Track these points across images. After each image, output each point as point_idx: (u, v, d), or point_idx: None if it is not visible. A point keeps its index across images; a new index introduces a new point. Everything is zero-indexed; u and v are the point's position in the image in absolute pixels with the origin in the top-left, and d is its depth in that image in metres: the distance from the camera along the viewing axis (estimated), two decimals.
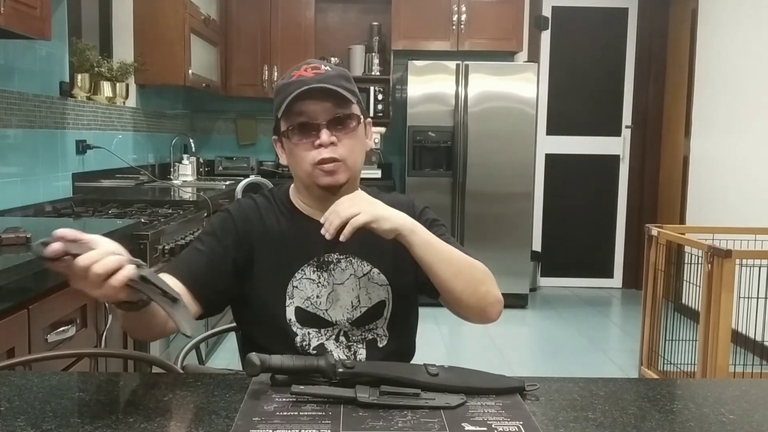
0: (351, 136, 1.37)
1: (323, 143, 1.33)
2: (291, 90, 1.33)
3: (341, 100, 1.35)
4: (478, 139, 5.05)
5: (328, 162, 1.34)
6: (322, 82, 1.34)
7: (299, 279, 1.38)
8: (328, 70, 1.37)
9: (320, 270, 1.39)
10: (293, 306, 1.37)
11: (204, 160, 5.49)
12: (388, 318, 1.41)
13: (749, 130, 4.29)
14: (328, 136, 1.33)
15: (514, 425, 0.97)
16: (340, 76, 1.37)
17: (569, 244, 5.91)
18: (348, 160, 1.36)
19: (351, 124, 1.37)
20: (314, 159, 1.34)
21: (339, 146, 1.34)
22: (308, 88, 1.32)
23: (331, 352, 1.36)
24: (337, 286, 1.39)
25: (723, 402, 1.11)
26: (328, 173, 1.35)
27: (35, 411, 1.00)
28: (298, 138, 1.36)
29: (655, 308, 3.39)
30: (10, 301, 1.69)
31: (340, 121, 1.35)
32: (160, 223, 2.72)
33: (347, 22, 5.80)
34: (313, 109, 1.34)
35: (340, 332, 1.38)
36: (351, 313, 1.39)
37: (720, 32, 4.67)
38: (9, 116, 2.78)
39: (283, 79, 1.40)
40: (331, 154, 1.34)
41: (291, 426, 0.95)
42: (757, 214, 4.07)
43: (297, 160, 1.38)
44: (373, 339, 1.40)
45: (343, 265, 1.40)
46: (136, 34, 4.30)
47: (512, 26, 5.37)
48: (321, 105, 1.34)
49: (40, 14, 2.35)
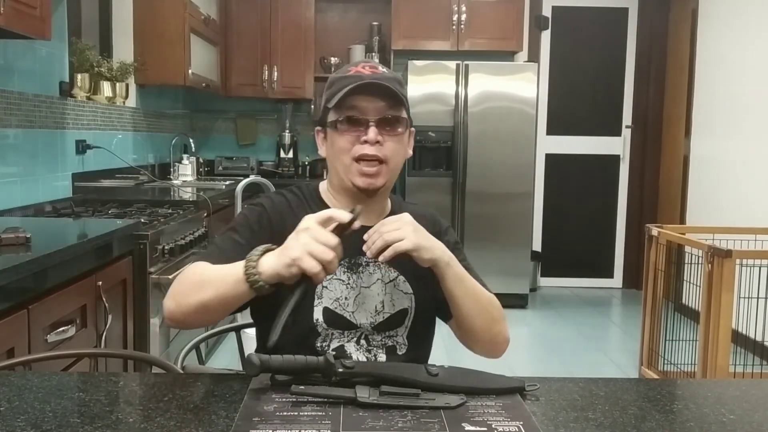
0: (397, 139, 1.37)
1: (369, 140, 1.33)
2: (347, 83, 1.34)
3: (394, 102, 1.35)
4: (478, 139, 5.05)
5: (370, 160, 1.34)
6: (378, 79, 1.34)
7: (330, 279, 1.36)
8: (384, 72, 1.38)
9: (350, 271, 1.38)
10: (321, 306, 1.36)
11: (204, 160, 5.50)
12: (408, 327, 1.41)
13: (749, 130, 4.29)
14: (375, 134, 1.33)
15: (514, 425, 0.97)
16: (395, 79, 1.39)
17: (569, 244, 5.91)
18: (390, 162, 1.36)
19: (399, 127, 1.37)
20: (356, 153, 1.34)
21: (384, 146, 1.34)
22: (366, 83, 1.33)
23: (351, 354, 1.36)
24: (364, 290, 1.39)
25: (723, 402, 1.11)
26: (368, 175, 1.35)
27: (35, 411, 1.00)
28: (344, 129, 1.35)
29: (656, 308, 3.39)
30: (10, 301, 1.68)
31: (389, 122, 1.35)
32: (159, 223, 2.72)
33: (347, 22, 5.81)
34: (365, 105, 1.34)
35: (362, 336, 1.38)
36: (374, 317, 1.38)
37: (720, 32, 4.67)
38: (9, 116, 2.78)
39: (338, 72, 1.41)
40: (374, 152, 1.34)
41: (291, 426, 0.95)
42: (757, 214, 4.07)
43: (338, 152, 1.37)
44: (393, 346, 1.40)
45: (371, 269, 1.40)
46: (136, 34, 4.30)
47: (512, 26, 5.37)
48: (374, 103, 1.34)
49: (40, 14, 2.35)
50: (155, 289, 2.61)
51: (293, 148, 5.70)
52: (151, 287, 2.57)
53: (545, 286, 5.87)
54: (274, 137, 5.84)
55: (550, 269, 5.89)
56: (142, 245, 2.52)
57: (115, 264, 2.33)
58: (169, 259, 2.75)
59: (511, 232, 5.11)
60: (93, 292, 2.14)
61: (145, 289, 2.55)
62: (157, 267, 2.63)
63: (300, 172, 5.72)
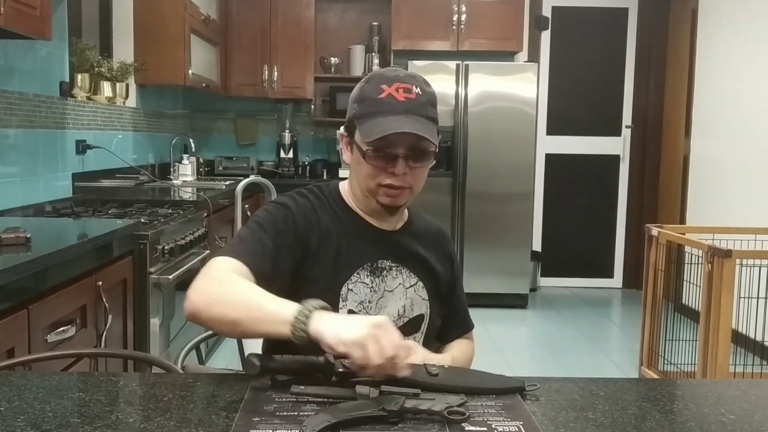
0: (423, 168, 1.38)
1: (397, 173, 1.33)
2: (379, 110, 1.32)
3: (424, 138, 1.32)
4: (478, 139, 5.05)
5: (396, 188, 1.35)
6: (411, 111, 1.32)
7: (354, 282, 1.37)
8: (419, 94, 1.34)
9: (373, 275, 1.39)
10: (346, 309, 1.36)
11: (204, 160, 5.49)
12: (424, 332, 1.43)
13: (749, 130, 4.29)
14: (403, 168, 1.33)
15: (514, 425, 0.97)
16: (429, 102, 1.36)
17: (569, 244, 5.91)
18: (414, 188, 1.38)
19: (426, 159, 1.36)
20: (382, 182, 1.35)
21: (409, 175, 1.35)
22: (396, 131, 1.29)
23: None
24: (387, 293, 1.40)
25: (723, 402, 1.11)
26: (392, 196, 1.36)
27: (35, 411, 1.00)
28: (373, 158, 1.34)
29: (655, 308, 3.39)
30: (10, 301, 1.69)
31: (417, 155, 1.34)
32: (160, 223, 2.72)
33: (347, 22, 5.81)
34: (394, 140, 1.32)
35: None
36: (395, 321, 1.39)
37: (720, 32, 4.67)
38: (9, 116, 2.78)
39: (370, 87, 1.36)
40: (400, 183, 1.34)
41: (291, 426, 0.95)
42: (757, 214, 4.07)
43: (364, 175, 1.37)
44: None
45: (394, 273, 1.41)
46: (136, 34, 4.30)
47: (512, 26, 5.37)
48: (404, 138, 1.32)
49: (40, 14, 2.35)
50: (155, 289, 2.61)
51: (293, 148, 5.70)
52: (151, 287, 2.57)
53: (545, 286, 5.87)
54: (274, 137, 5.83)
55: (550, 269, 5.89)
56: (142, 245, 2.52)
57: (115, 264, 2.33)
58: (169, 259, 2.75)
59: (511, 232, 5.11)
60: (93, 292, 2.14)
61: (145, 289, 2.55)
62: (157, 267, 2.63)
63: (300, 173, 5.71)
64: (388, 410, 0.96)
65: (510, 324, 4.78)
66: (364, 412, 0.96)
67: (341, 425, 0.94)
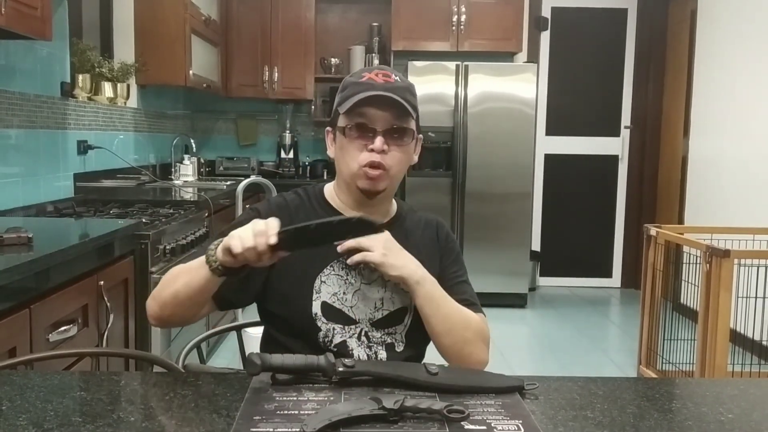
0: (402, 149, 1.42)
1: (375, 149, 1.37)
2: (359, 90, 1.38)
3: (402, 113, 1.39)
4: (478, 140, 5.06)
5: (375, 167, 1.38)
6: (390, 91, 1.38)
7: (327, 275, 1.40)
8: (397, 80, 1.42)
9: (349, 267, 1.41)
10: (320, 300, 1.39)
11: (205, 161, 5.50)
12: (407, 325, 1.43)
13: (748, 130, 4.29)
14: (381, 143, 1.38)
15: (514, 424, 0.98)
16: (407, 89, 1.42)
17: (569, 244, 5.91)
18: (392, 170, 1.41)
19: (405, 138, 1.42)
20: (363, 161, 1.39)
21: (388, 155, 1.39)
22: (376, 94, 1.36)
23: (352, 350, 1.38)
24: (365, 286, 1.41)
25: (721, 401, 1.12)
26: (371, 179, 1.39)
27: (37, 410, 1.01)
28: (353, 136, 1.40)
29: (654, 308, 3.40)
30: (12, 300, 1.69)
31: (396, 132, 1.40)
32: (161, 223, 2.73)
33: (347, 23, 5.81)
34: (374, 114, 1.38)
35: (362, 332, 1.40)
36: (374, 313, 1.41)
37: (719, 32, 4.68)
38: (10, 116, 2.79)
39: (352, 77, 1.44)
40: (379, 160, 1.38)
41: (291, 425, 0.95)
42: (756, 214, 4.07)
43: (346, 157, 1.41)
44: (392, 343, 1.42)
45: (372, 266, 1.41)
46: (137, 35, 4.30)
47: (512, 26, 5.37)
48: (383, 113, 1.38)
49: (40, 15, 2.35)
50: None
51: (294, 149, 5.71)
52: (152, 287, 2.57)
53: (544, 285, 5.88)
54: (275, 138, 5.84)
55: (550, 269, 5.89)
56: (144, 245, 2.53)
57: (117, 264, 2.34)
58: (170, 258, 2.75)
59: (510, 232, 5.11)
60: (95, 291, 2.15)
61: (147, 288, 2.55)
62: (158, 267, 2.64)
63: (300, 173, 5.72)
64: (388, 409, 0.97)
65: (509, 323, 4.78)
66: (363, 411, 0.97)
67: (341, 424, 0.94)
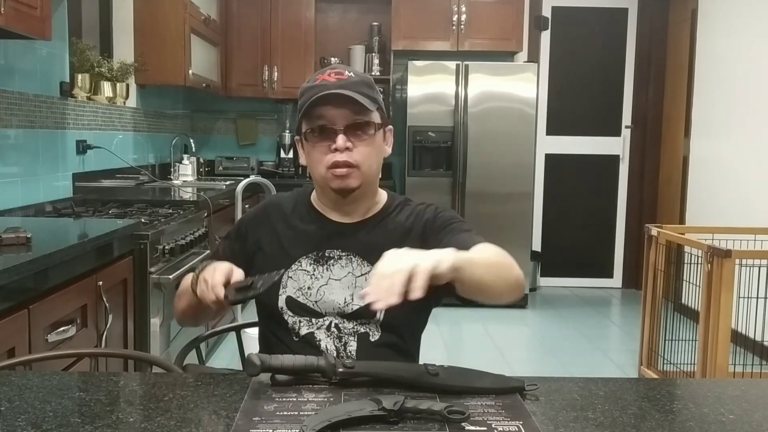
0: (367, 143, 1.41)
1: (338, 147, 1.38)
2: (313, 93, 1.38)
3: (360, 107, 1.38)
4: (478, 139, 5.05)
5: (342, 166, 1.38)
6: (343, 88, 1.38)
7: (295, 270, 1.44)
8: (351, 76, 1.41)
9: (317, 263, 1.44)
10: (285, 295, 1.43)
11: (204, 160, 5.49)
12: (381, 320, 1.42)
13: (749, 130, 4.29)
14: (343, 141, 1.38)
15: (514, 425, 0.97)
16: (363, 82, 1.42)
17: (569, 244, 5.91)
18: (362, 166, 1.40)
19: (368, 131, 1.41)
20: (329, 162, 1.39)
21: (354, 152, 1.39)
22: (326, 93, 1.36)
23: (320, 340, 1.40)
24: (333, 281, 1.43)
25: (723, 402, 1.12)
26: (340, 177, 1.39)
27: (35, 411, 1.01)
28: (316, 140, 1.41)
29: (655, 308, 3.39)
30: (11, 301, 1.69)
31: (357, 127, 1.40)
32: (160, 223, 2.72)
33: (347, 22, 5.81)
34: (332, 114, 1.38)
35: (331, 324, 1.41)
36: (342, 308, 1.41)
37: (720, 32, 4.68)
38: (9, 116, 2.79)
39: (308, 82, 1.44)
40: (345, 159, 1.38)
41: (291, 426, 0.95)
42: (757, 214, 4.07)
43: (313, 162, 1.43)
44: (366, 333, 1.41)
45: (343, 262, 1.44)
46: (137, 34, 4.30)
47: (512, 26, 5.37)
48: (339, 111, 1.38)
49: (40, 14, 2.35)
50: (156, 289, 2.61)
51: (293, 149, 5.70)
52: (151, 287, 2.57)
53: (545, 286, 5.87)
54: (275, 137, 5.84)
55: (550, 269, 5.89)
56: (143, 245, 2.52)
57: (116, 264, 2.34)
58: (169, 259, 2.75)
59: (510, 232, 5.10)
60: (93, 292, 2.14)
61: (146, 289, 2.55)
62: (157, 267, 2.63)
63: (300, 173, 5.71)
64: (388, 410, 0.96)
65: (510, 324, 4.78)
66: (363, 412, 0.96)
67: (341, 425, 0.94)
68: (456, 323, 4.63)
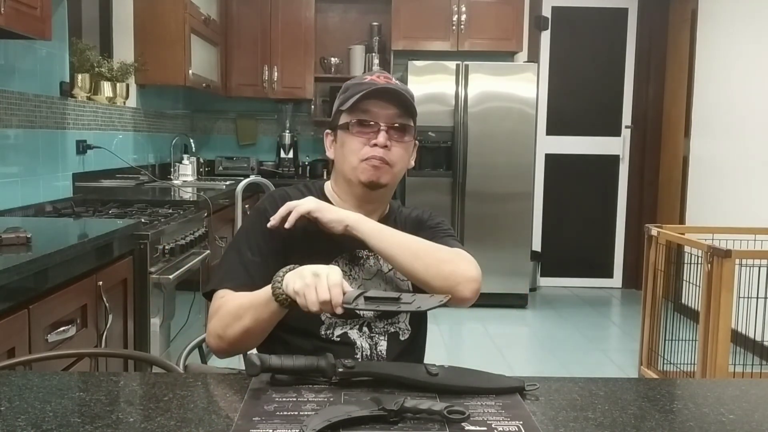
0: (404, 146, 1.45)
1: (379, 143, 1.41)
2: (362, 89, 1.42)
3: (405, 111, 1.43)
4: (478, 139, 5.05)
5: (377, 160, 1.41)
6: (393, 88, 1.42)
7: None
8: (397, 83, 1.46)
9: (352, 263, 1.45)
10: None
11: (204, 160, 5.50)
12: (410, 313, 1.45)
13: (749, 130, 4.29)
14: (385, 138, 1.41)
15: (514, 425, 0.97)
16: (408, 92, 1.46)
17: (569, 244, 5.91)
18: (395, 167, 1.44)
19: (407, 136, 1.46)
20: (365, 155, 1.42)
21: (391, 151, 1.42)
22: (380, 88, 1.40)
23: (354, 340, 1.39)
24: (366, 281, 1.44)
25: (723, 402, 1.12)
26: (374, 169, 1.42)
27: (35, 411, 1.01)
28: (356, 132, 1.42)
29: (655, 308, 3.39)
30: (11, 301, 1.69)
31: (399, 129, 1.44)
32: (160, 223, 2.72)
33: (347, 22, 5.81)
34: (378, 110, 1.42)
35: (365, 323, 1.42)
36: None
37: (720, 32, 4.68)
38: (9, 116, 2.79)
39: (354, 80, 1.48)
40: (382, 155, 1.41)
41: (291, 426, 0.95)
42: (756, 214, 4.07)
43: (347, 152, 1.44)
44: (396, 332, 1.44)
45: (371, 262, 1.46)
46: (137, 35, 4.30)
47: (512, 26, 5.37)
48: (386, 110, 1.42)
49: (40, 14, 2.35)
50: (156, 289, 2.61)
51: (293, 148, 5.71)
52: (151, 287, 2.57)
53: (545, 286, 5.87)
54: (275, 137, 5.84)
55: (550, 269, 5.89)
56: (143, 245, 2.52)
57: (116, 264, 2.34)
58: (169, 259, 2.75)
59: (510, 232, 5.11)
60: (93, 292, 2.14)
61: (146, 289, 2.55)
62: (157, 267, 2.63)
63: (300, 172, 5.72)
64: (388, 410, 0.96)
65: (510, 324, 4.78)
66: (363, 412, 0.96)
67: (341, 425, 0.94)
68: (456, 323, 4.63)
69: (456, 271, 1.37)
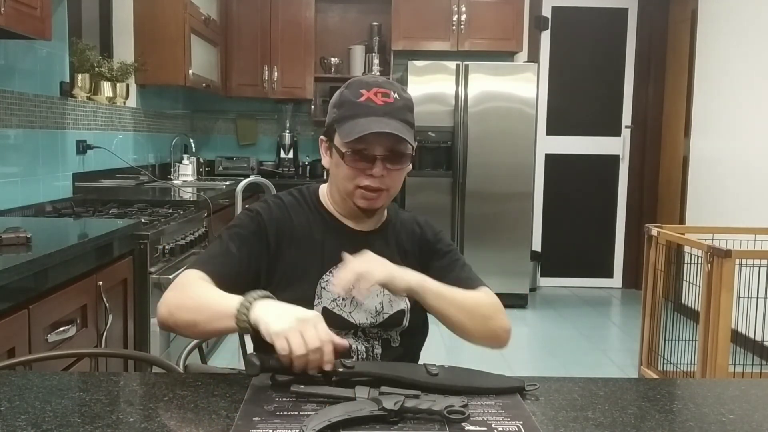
0: (401, 171, 1.42)
1: (375, 174, 1.37)
2: (357, 112, 1.37)
3: (402, 139, 1.37)
4: (478, 139, 5.05)
5: (373, 191, 1.39)
6: (388, 115, 1.37)
7: (327, 281, 1.41)
8: (396, 99, 1.40)
9: None
10: (321, 306, 1.39)
11: (204, 160, 5.50)
12: (406, 326, 1.45)
13: (749, 130, 4.29)
14: (380, 170, 1.38)
15: (514, 425, 0.97)
16: (406, 107, 1.42)
17: (569, 244, 5.91)
18: (391, 190, 1.42)
19: (405, 162, 1.42)
20: (360, 183, 1.39)
21: (387, 177, 1.39)
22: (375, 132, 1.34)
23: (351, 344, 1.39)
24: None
25: (723, 402, 1.12)
26: (369, 199, 1.40)
27: (35, 411, 1.00)
28: (351, 161, 1.38)
29: (655, 308, 3.39)
30: (11, 301, 1.69)
31: (394, 157, 1.39)
32: (160, 223, 2.72)
33: (347, 22, 5.81)
34: (373, 140, 1.36)
35: (359, 329, 1.42)
36: (375, 317, 1.42)
37: (720, 32, 4.68)
38: (9, 116, 2.79)
39: (349, 92, 1.41)
40: (378, 185, 1.39)
41: (291, 426, 0.95)
42: (757, 214, 4.07)
43: (341, 176, 1.41)
44: (387, 339, 1.45)
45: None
46: (137, 35, 4.30)
47: (512, 26, 5.37)
48: (382, 141, 1.37)
49: (40, 14, 2.35)
50: (156, 289, 2.61)
51: (293, 149, 5.71)
52: (151, 287, 2.57)
53: (545, 286, 5.87)
54: (275, 137, 5.84)
55: (550, 269, 5.89)
56: (143, 245, 2.52)
57: (116, 264, 2.34)
58: (169, 259, 2.75)
59: (510, 232, 5.11)
60: (93, 291, 2.14)
61: (146, 289, 2.55)
62: (157, 267, 2.63)
63: (300, 173, 5.72)
64: (388, 410, 0.96)
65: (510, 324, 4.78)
66: (363, 412, 0.96)
67: (341, 425, 0.94)
68: None
69: (498, 324, 1.43)
